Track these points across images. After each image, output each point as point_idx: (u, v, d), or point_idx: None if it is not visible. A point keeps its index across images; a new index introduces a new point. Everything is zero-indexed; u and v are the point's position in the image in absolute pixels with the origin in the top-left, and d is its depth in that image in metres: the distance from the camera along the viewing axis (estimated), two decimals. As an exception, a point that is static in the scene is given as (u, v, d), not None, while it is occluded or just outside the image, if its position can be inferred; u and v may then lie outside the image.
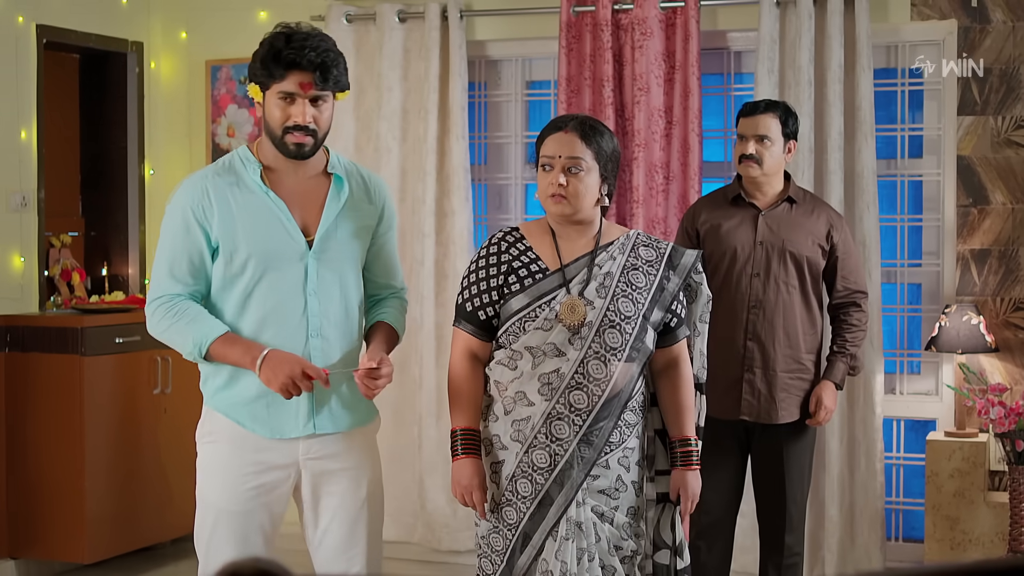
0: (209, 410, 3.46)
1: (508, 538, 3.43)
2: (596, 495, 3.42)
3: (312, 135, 3.37)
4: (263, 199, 3.40)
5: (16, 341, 5.71)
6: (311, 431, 3.42)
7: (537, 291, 3.44)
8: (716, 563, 4.64)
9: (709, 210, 4.63)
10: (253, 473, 3.41)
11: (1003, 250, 5.46)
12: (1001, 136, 5.45)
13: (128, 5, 6.43)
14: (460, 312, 3.52)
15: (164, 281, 3.40)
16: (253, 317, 3.38)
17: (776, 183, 4.58)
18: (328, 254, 3.43)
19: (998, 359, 5.43)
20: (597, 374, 3.38)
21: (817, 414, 4.52)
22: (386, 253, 3.60)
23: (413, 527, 6.05)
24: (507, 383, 3.44)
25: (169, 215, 3.44)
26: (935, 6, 5.51)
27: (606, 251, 3.49)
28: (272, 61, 3.32)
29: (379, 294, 3.62)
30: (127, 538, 5.90)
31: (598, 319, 3.40)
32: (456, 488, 3.46)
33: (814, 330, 4.56)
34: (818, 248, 4.53)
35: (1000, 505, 5.21)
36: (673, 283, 3.50)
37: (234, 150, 3.52)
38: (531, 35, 6.07)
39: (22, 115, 5.86)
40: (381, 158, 6.03)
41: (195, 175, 3.47)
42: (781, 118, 4.52)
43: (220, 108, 6.46)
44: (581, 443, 3.39)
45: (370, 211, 3.52)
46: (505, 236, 3.54)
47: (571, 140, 3.44)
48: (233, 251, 3.37)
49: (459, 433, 3.47)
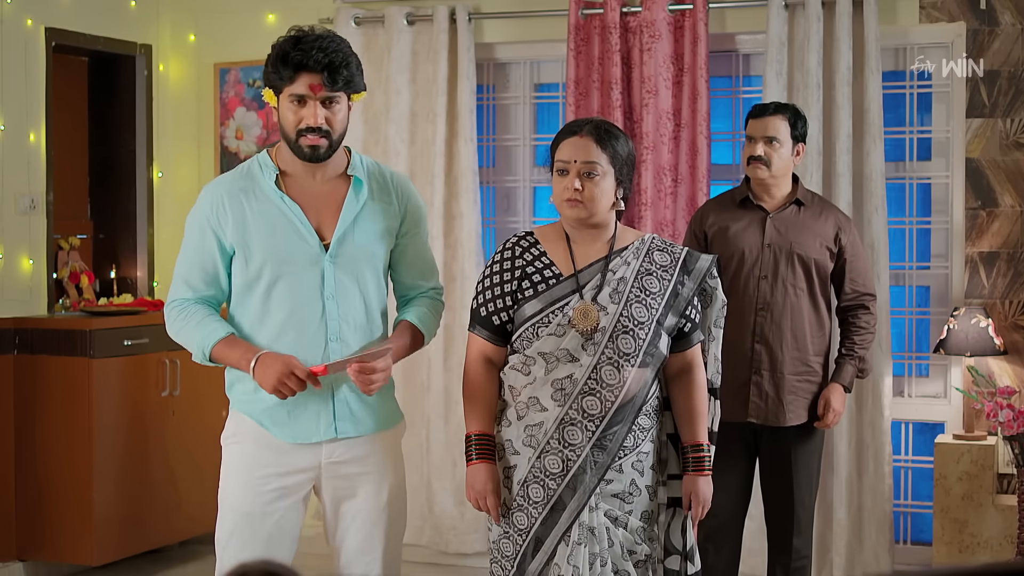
0: (235, 412, 3.49)
1: (519, 543, 3.42)
2: (610, 499, 3.41)
3: (326, 136, 3.36)
4: (277, 204, 3.40)
5: (25, 343, 5.71)
6: (333, 435, 3.42)
7: (550, 296, 3.43)
8: (724, 565, 4.64)
9: (717, 212, 4.62)
10: (275, 475, 3.42)
11: (1012, 253, 5.45)
12: (1010, 138, 5.44)
13: (137, 8, 6.44)
14: (475, 317, 3.52)
15: (179, 287, 3.46)
16: (272, 322, 3.40)
17: (784, 185, 4.57)
18: (345, 257, 3.42)
19: (1007, 362, 5.43)
20: (610, 380, 3.38)
21: (825, 417, 4.51)
22: (413, 252, 3.57)
23: (421, 530, 6.05)
24: (520, 388, 3.44)
25: (189, 222, 3.48)
26: (944, 8, 5.51)
27: (620, 256, 3.48)
28: (281, 63, 3.33)
29: (408, 294, 3.61)
30: (135, 540, 5.90)
31: (612, 324, 3.39)
32: (470, 493, 3.46)
33: (822, 332, 4.56)
34: (826, 250, 4.53)
35: (1009, 508, 5.21)
36: (688, 288, 3.49)
37: (255, 155, 3.53)
38: (539, 38, 6.07)
39: (31, 118, 5.86)
40: (389, 161, 6.04)
41: (213, 182, 3.50)
42: (790, 120, 4.51)
43: (229, 111, 6.47)
44: (594, 448, 3.38)
45: (391, 212, 3.51)
46: (519, 241, 3.53)
47: (586, 144, 3.44)
48: (248, 257, 3.39)
49: (474, 438, 3.47)
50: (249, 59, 6.30)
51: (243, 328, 3.44)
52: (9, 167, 5.77)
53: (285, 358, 3.31)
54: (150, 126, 6.50)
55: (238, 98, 6.46)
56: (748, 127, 4.55)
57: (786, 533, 4.55)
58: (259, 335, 3.41)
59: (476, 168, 5.99)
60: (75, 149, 6.45)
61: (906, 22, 5.58)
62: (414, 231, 3.57)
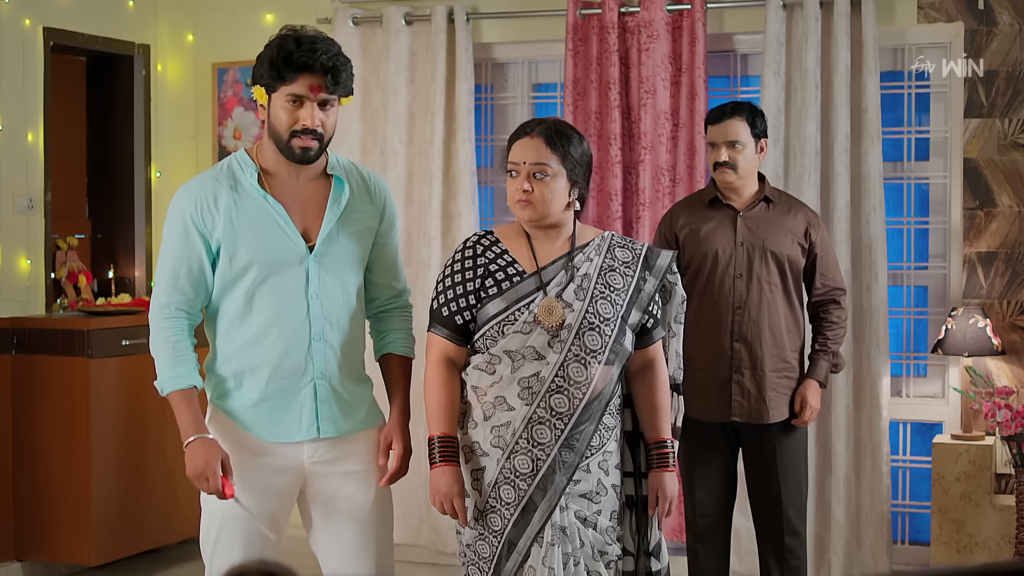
0: (214, 411, 3.47)
1: (494, 545, 3.40)
2: (578, 499, 3.40)
3: (319, 139, 3.35)
4: (261, 203, 3.38)
5: (23, 343, 5.71)
6: (314, 435, 3.41)
7: (515, 294, 3.42)
8: (715, 564, 4.64)
9: (687, 214, 4.63)
10: (258, 477, 3.40)
11: (1009, 253, 5.45)
12: (1008, 139, 5.44)
13: (135, 8, 6.44)
14: (435, 317, 3.49)
15: (164, 290, 3.41)
16: (256, 321, 3.39)
17: (751, 184, 4.59)
18: (330, 257, 3.41)
19: (1004, 362, 5.43)
20: (577, 377, 3.37)
21: (802, 414, 4.53)
22: (387, 253, 3.57)
23: (419, 530, 6.05)
24: (486, 388, 3.41)
25: (169, 223, 3.43)
26: (942, 9, 5.51)
27: (582, 252, 3.48)
28: (283, 63, 3.30)
29: (381, 296, 3.59)
30: (133, 540, 5.90)
31: (577, 321, 3.39)
32: (435, 496, 3.42)
33: (797, 328, 4.58)
34: (798, 246, 4.55)
35: (1006, 508, 5.21)
36: (650, 284, 3.50)
37: (232, 154, 3.50)
38: (537, 38, 6.07)
39: (29, 118, 5.86)
40: (387, 161, 6.04)
41: (193, 180, 3.45)
42: (748, 120, 4.51)
43: (227, 111, 6.47)
44: (563, 447, 3.37)
45: (371, 211, 3.51)
46: (480, 240, 3.52)
47: (536, 145, 3.43)
48: (233, 256, 3.37)
49: (436, 440, 3.43)
50: (247, 59, 6.21)
51: (223, 326, 3.42)
52: (7, 167, 5.77)
53: (216, 453, 3.32)
54: (148, 126, 6.50)
55: (236, 98, 6.46)
56: (709, 133, 4.55)
57: (777, 532, 4.55)
58: (240, 334, 3.40)
59: (474, 168, 5.99)
60: (73, 149, 6.45)
61: (904, 22, 5.58)
62: (390, 231, 3.57)
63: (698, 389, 4.46)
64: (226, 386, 3.43)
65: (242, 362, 3.40)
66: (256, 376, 3.39)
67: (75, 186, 6.48)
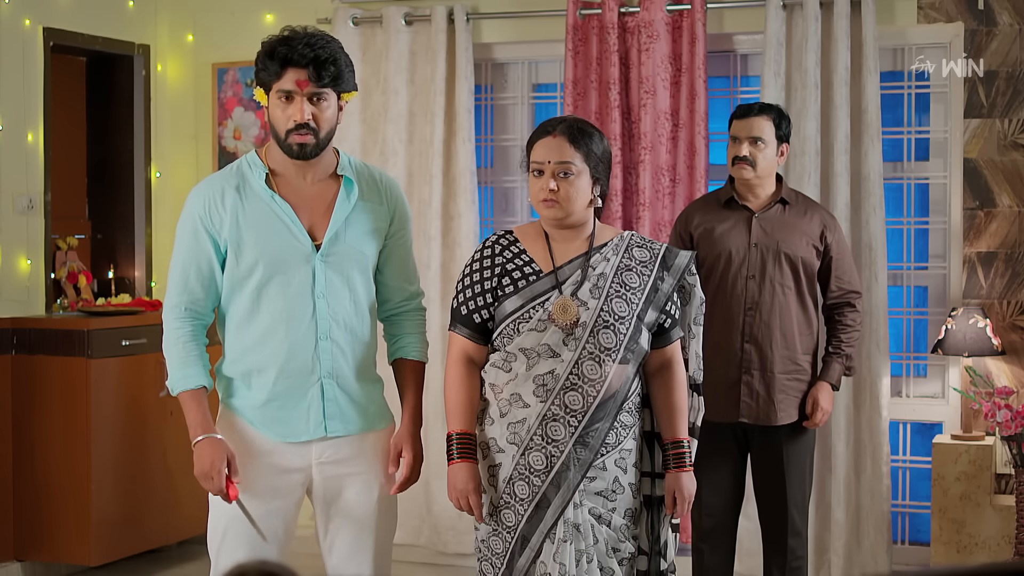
0: (224, 411, 3.50)
1: (508, 540, 3.42)
2: (593, 497, 3.42)
3: (313, 133, 3.35)
4: (268, 203, 3.41)
5: (23, 344, 5.71)
6: (323, 434, 3.43)
7: (531, 292, 3.44)
8: (720, 565, 4.65)
9: (702, 213, 4.64)
10: (265, 476, 3.42)
11: (1009, 253, 5.45)
12: (1008, 139, 5.44)
13: (135, 8, 6.44)
14: (456, 316, 3.52)
15: (175, 290, 3.45)
16: (263, 321, 3.41)
17: (768, 185, 4.59)
18: (336, 257, 3.42)
19: (1004, 362, 5.43)
20: (592, 375, 3.38)
21: (814, 416, 4.53)
22: (399, 255, 3.57)
23: (419, 530, 6.06)
24: (502, 385, 3.44)
25: (181, 224, 3.48)
26: (942, 9, 5.51)
27: (600, 252, 3.49)
28: (268, 58, 3.34)
29: (393, 298, 3.59)
30: (133, 540, 5.90)
31: (592, 319, 3.40)
32: (452, 492, 3.45)
33: (810, 331, 4.58)
34: (812, 249, 4.55)
35: (1006, 508, 5.21)
36: (667, 284, 3.51)
37: (243, 155, 3.53)
38: (537, 38, 6.07)
39: (29, 118, 5.86)
40: (387, 161, 6.04)
41: (204, 182, 3.49)
42: (775, 120, 4.53)
43: (226, 111, 6.47)
44: (577, 444, 3.39)
45: (381, 212, 3.51)
46: (499, 239, 3.54)
47: (560, 144, 3.44)
48: (240, 255, 3.39)
49: (455, 437, 3.46)
50: (247, 59, 6.25)
51: (232, 327, 3.45)
52: (7, 167, 5.77)
53: (222, 454, 3.34)
54: (148, 126, 6.50)
55: (236, 98, 6.46)
56: (732, 127, 4.56)
57: (781, 533, 4.56)
58: (248, 334, 3.42)
59: (474, 168, 5.99)
60: (73, 149, 6.45)
61: (904, 22, 5.58)
62: (401, 233, 3.57)
63: (707, 389, 4.45)
64: (235, 386, 3.45)
65: (250, 362, 3.42)
66: (264, 376, 3.41)
67: (75, 186, 6.48)
